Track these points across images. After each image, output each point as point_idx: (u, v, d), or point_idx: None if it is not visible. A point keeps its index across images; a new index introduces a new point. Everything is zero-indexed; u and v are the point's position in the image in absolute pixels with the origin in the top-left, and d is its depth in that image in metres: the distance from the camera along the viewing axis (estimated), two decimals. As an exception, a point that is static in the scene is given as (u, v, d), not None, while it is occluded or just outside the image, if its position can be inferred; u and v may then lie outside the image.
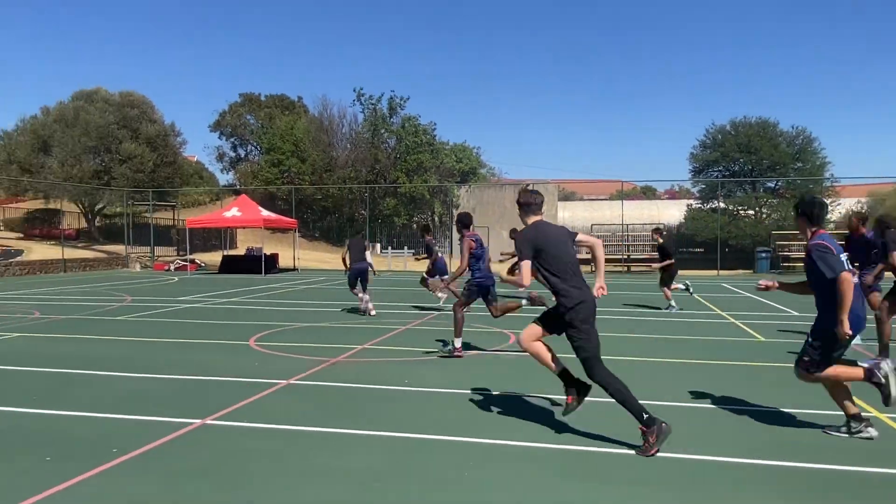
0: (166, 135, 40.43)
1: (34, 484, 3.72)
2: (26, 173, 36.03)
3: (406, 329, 10.03)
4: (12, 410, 5.33)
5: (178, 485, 3.77)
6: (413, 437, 4.65)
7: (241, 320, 11.04)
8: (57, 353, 7.90)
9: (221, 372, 6.77)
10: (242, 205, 26.16)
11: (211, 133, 58.92)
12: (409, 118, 45.31)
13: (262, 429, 4.84)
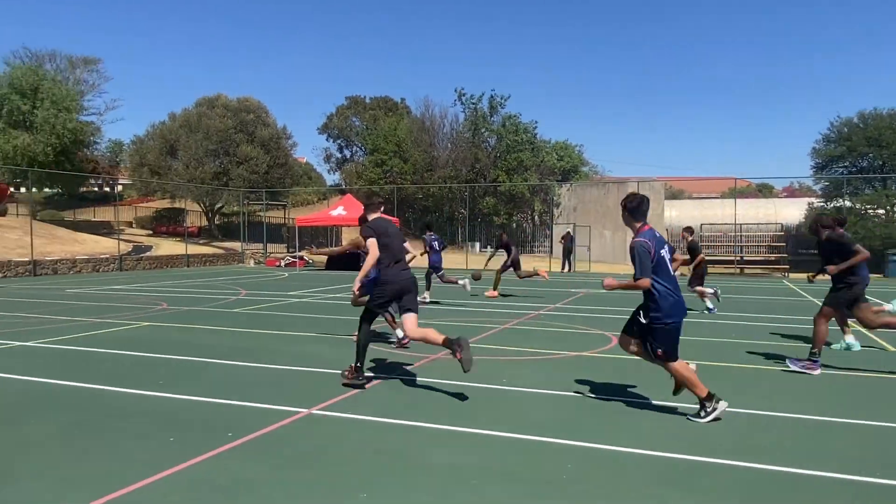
0: (279, 138, 42.63)
1: (160, 461, 4.04)
2: (155, 175, 39.17)
3: (504, 328, 10.01)
4: (141, 393, 5.80)
5: (286, 470, 3.95)
6: (511, 436, 4.63)
7: (345, 315, 11.43)
8: (180, 342, 8.52)
9: (326, 364, 7.04)
10: (347, 204, 27.11)
11: (319, 135, 61.47)
12: (510, 117, 45.16)
13: (364, 420, 4.99)
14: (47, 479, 3.80)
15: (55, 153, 33.09)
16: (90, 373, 6.61)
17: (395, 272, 5.89)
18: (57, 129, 32.79)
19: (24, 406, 5.38)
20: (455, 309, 12.46)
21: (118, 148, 48.58)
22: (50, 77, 36.80)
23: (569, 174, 47.62)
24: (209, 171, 39.16)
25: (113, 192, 51.22)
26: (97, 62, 45.28)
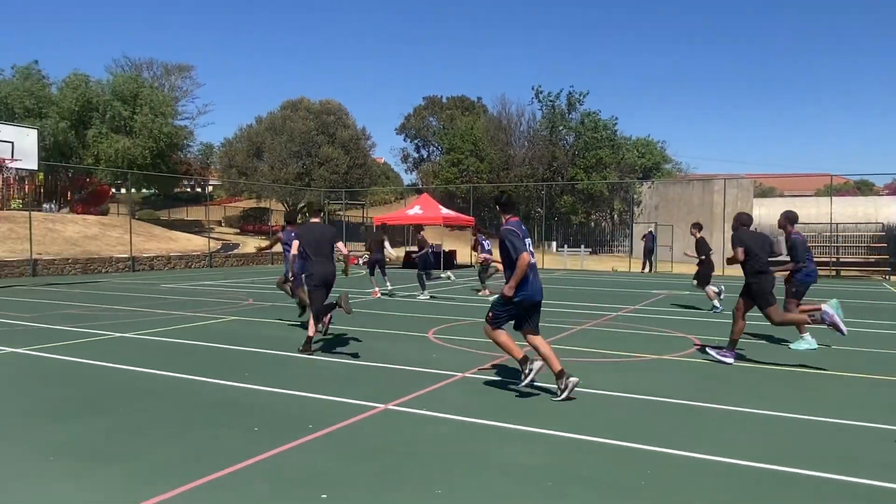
0: (358, 139, 43.59)
1: (245, 450, 4.22)
2: (243, 176, 40.91)
3: (580, 330, 9.85)
4: (228, 384, 6.08)
5: (363, 463, 4.04)
6: (588, 439, 4.55)
7: (420, 313, 11.57)
8: (264, 336, 8.87)
9: (402, 361, 7.15)
10: (424, 203, 27.41)
11: (396, 135, 62.41)
12: (589, 114, 44.36)
13: (439, 418, 5.04)
14: (143, 461, 4.05)
15: (152, 156, 35.14)
16: (182, 363, 6.99)
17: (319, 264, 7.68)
18: (154, 134, 34.80)
19: (123, 393, 5.75)
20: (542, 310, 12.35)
21: (209, 150, 51.12)
22: (148, 84, 39.12)
23: (650, 171, 46.29)
24: (292, 171, 40.55)
25: (204, 192, 53.96)
26: (190, 69, 47.83)
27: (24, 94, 32.33)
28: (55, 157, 32.37)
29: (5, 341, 8.24)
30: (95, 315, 10.85)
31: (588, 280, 20.90)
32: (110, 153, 33.48)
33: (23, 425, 4.78)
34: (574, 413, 5.23)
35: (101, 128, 34.15)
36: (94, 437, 4.51)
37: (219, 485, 3.68)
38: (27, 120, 29.92)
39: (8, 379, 6.30)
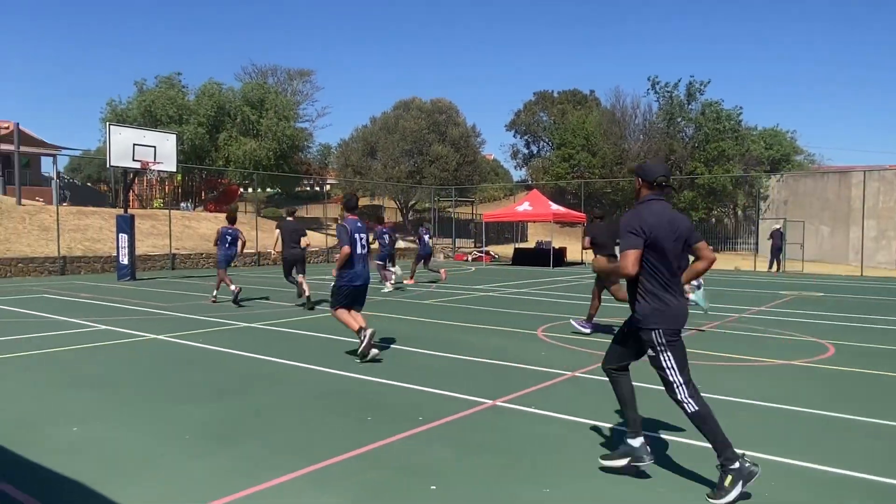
0: (468, 136, 43.94)
1: (358, 438, 4.38)
2: (358, 175, 42.46)
3: (700, 331, 9.37)
4: (342, 374, 6.34)
5: (471, 457, 4.07)
6: (705, 445, 4.31)
7: (529, 310, 11.48)
8: (376, 329, 9.15)
9: (511, 358, 7.13)
10: (534, 199, 27.15)
11: (506, 132, 62.18)
12: (710, 104, 42.10)
13: (548, 416, 4.98)
14: (264, 444, 4.30)
15: (275, 157, 37.26)
16: (300, 353, 7.37)
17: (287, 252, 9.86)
18: (277, 136, 36.89)
19: (249, 379, 6.14)
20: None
21: (327, 151, 53.48)
22: (273, 90, 41.51)
23: (779, 164, 43.28)
24: (404, 169, 41.57)
25: (322, 191, 56.49)
26: (310, 74, 50.21)
27: (166, 102, 35.31)
28: (191, 159, 35.10)
29: (148, 328, 9.06)
30: (225, 306, 11.66)
31: (708, 279, 19.85)
32: (239, 155, 35.84)
33: (163, 406, 5.23)
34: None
35: (232, 131, 36.64)
36: (224, 419, 4.85)
37: (333, 470, 3.84)
38: (169, 126, 32.68)
39: (149, 363, 6.91)
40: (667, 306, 3.64)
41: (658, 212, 3.67)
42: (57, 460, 3.94)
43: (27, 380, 6.06)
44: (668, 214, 3.70)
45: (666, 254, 3.62)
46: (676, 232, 3.68)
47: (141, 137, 18.15)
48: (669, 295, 3.65)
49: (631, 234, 3.58)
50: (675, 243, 3.66)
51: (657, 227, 3.59)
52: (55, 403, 5.26)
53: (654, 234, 3.58)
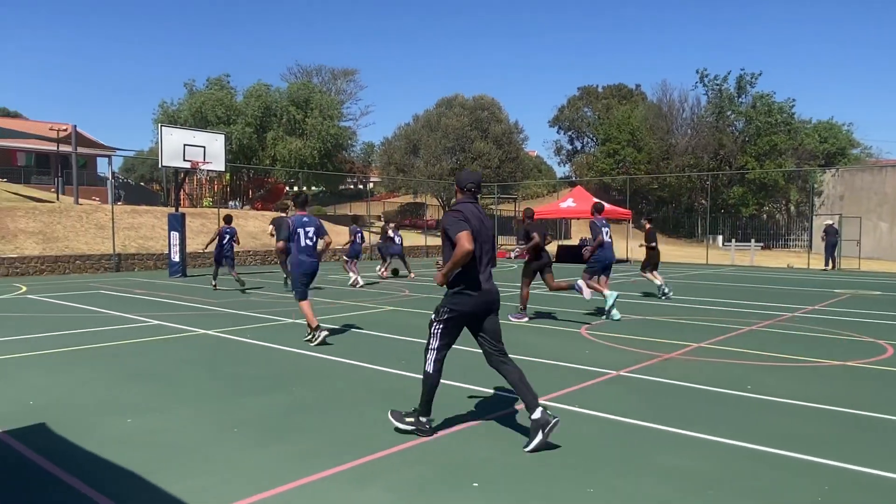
0: (510, 133, 43.74)
1: (402, 435, 4.41)
2: (400, 173, 42.72)
3: (750, 330, 9.12)
4: (387, 370, 6.39)
5: (516, 456, 4.05)
6: (755, 448, 4.20)
7: (573, 308, 11.36)
8: (419, 326, 9.20)
9: (553, 356, 7.07)
10: (577, 196, 26.86)
11: (550, 128, 61.69)
12: (762, 96, 40.91)
13: (592, 416, 4.92)
14: (310, 438, 4.37)
15: (320, 156, 37.83)
16: (346, 349, 7.46)
17: None
18: (322, 135, 37.45)
19: (296, 373, 6.25)
20: (700, 308, 11.68)
21: (370, 149, 54.01)
22: (318, 89, 42.13)
23: (834, 158, 41.73)
24: (446, 167, 41.66)
25: (365, 189, 57.10)
26: (354, 73, 50.80)
27: (215, 103, 36.20)
28: (239, 159, 35.91)
29: (198, 324, 9.31)
30: (273, 302, 11.91)
31: (759, 277, 19.30)
32: (285, 154, 36.51)
33: (212, 399, 5.37)
34: (743, 419, 4.86)
35: (278, 131, 37.33)
36: (271, 413, 4.95)
37: (377, 465, 3.88)
38: (218, 127, 33.51)
39: (200, 357, 7.11)
40: (478, 292, 4.26)
41: (471, 210, 4.34)
42: (112, 450, 4.09)
43: (84, 373, 6.30)
44: (479, 214, 4.40)
45: (478, 245, 4.23)
46: (486, 228, 4.38)
47: (191, 138, 18.66)
48: (478, 282, 4.25)
49: (459, 221, 4.21)
50: (485, 239, 4.33)
51: (476, 224, 4.28)
52: (110, 395, 5.45)
53: (475, 228, 4.24)
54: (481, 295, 4.24)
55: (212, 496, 3.42)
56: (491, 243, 4.38)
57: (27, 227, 21.03)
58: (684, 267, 24.00)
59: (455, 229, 4.16)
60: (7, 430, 4.48)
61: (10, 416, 4.80)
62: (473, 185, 4.51)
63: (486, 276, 4.31)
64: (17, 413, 4.88)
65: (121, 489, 3.52)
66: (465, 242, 4.08)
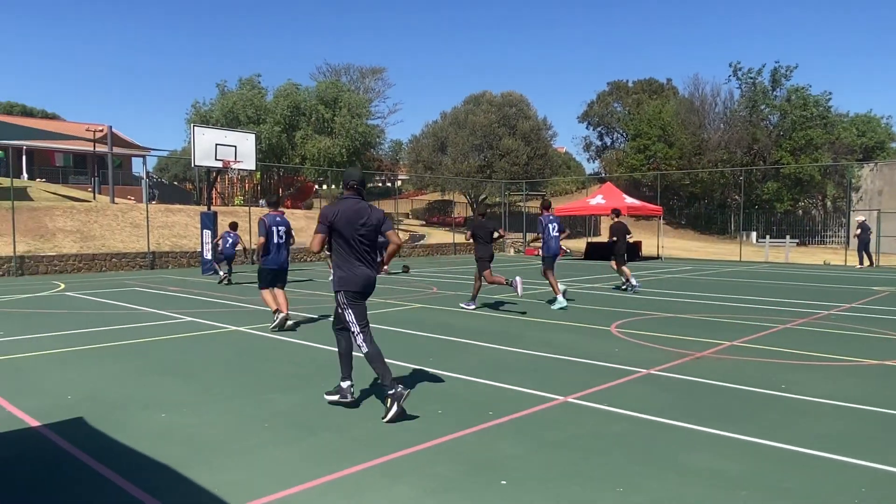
0: (539, 129, 43.46)
1: (429, 431, 4.43)
2: (428, 170, 42.78)
3: (784, 328, 8.93)
4: (415, 367, 6.41)
5: (543, 454, 4.04)
6: (788, 448, 4.12)
7: (602, 306, 11.27)
8: (447, 323, 9.22)
9: (582, 354, 7.02)
10: (607, 192, 26.59)
11: (579, 124, 61.23)
12: (797, 89, 39.99)
13: (622, 414, 4.87)
14: (338, 434, 4.41)
15: (349, 154, 38.09)
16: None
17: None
18: (350, 133, 37.70)
19: (324, 370, 6.30)
20: (733, 305, 11.49)
21: (398, 147, 54.18)
22: (346, 88, 42.42)
23: (872, 152, 40.63)
24: (474, 164, 41.58)
25: (393, 186, 57.30)
26: (382, 71, 51.03)
27: (246, 103, 36.69)
28: (269, 158, 36.35)
29: (230, 320, 9.46)
30: (302, 300, 12.03)
31: (794, 274, 18.90)
32: (314, 152, 36.84)
33: (243, 394, 5.45)
34: (777, 419, 4.76)
35: (307, 130, 37.69)
36: (301, 409, 5.01)
37: (405, 462, 3.90)
38: (248, 126, 33.96)
39: (231, 353, 7.22)
40: (349, 274, 4.88)
41: (347, 205, 4.91)
42: (146, 444, 4.18)
43: (119, 368, 6.45)
44: (356, 207, 4.93)
45: (347, 237, 4.86)
46: (363, 221, 4.90)
47: (222, 138, 18.95)
48: (352, 265, 4.89)
49: (319, 224, 4.91)
50: (360, 229, 4.89)
51: (341, 216, 4.84)
52: (145, 390, 5.57)
53: (338, 222, 4.84)
54: (359, 280, 4.91)
55: (242, 490, 3.48)
56: (373, 234, 4.98)
57: (65, 226, 21.59)
58: (716, 264, 23.61)
59: (315, 230, 4.97)
60: (46, 424, 4.61)
61: (49, 410, 4.95)
62: (355, 182, 5.05)
63: (360, 262, 4.93)
64: (56, 407, 5.02)
65: (155, 482, 3.60)
66: (313, 245, 4.96)
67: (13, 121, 37.86)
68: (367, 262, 4.98)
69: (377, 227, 5.01)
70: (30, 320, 9.47)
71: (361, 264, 4.93)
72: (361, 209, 4.94)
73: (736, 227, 37.38)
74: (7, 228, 18.86)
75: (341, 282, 4.91)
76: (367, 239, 4.95)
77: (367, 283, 4.95)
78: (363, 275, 4.92)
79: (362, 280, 4.91)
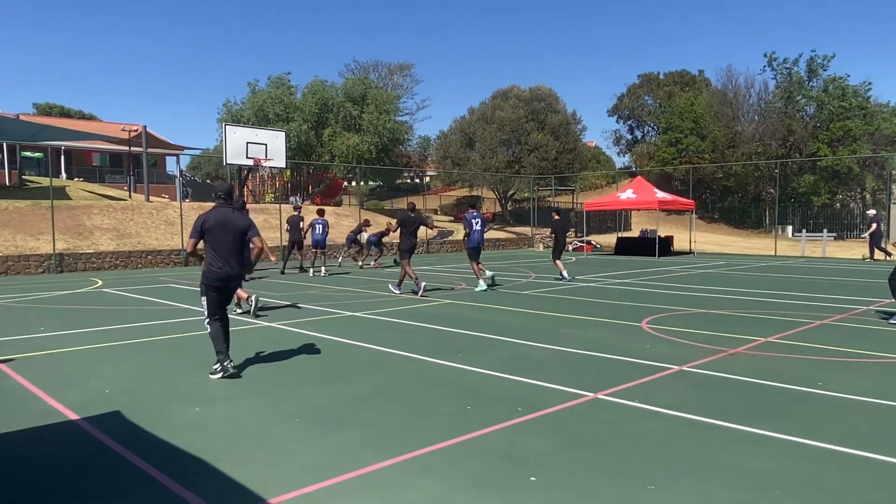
0: (568, 123, 43.07)
1: (459, 427, 4.43)
2: (456, 166, 42.74)
3: (822, 324, 8.72)
4: (442, 363, 6.42)
5: (574, 451, 4.01)
6: (827, 447, 4.02)
7: (633, 301, 11.13)
8: (475, 319, 9.21)
9: (613, 350, 6.95)
10: (637, 187, 26.23)
11: (608, 117, 60.54)
12: (835, 79, 38.95)
13: (653, 411, 4.81)
14: (369, 428, 4.44)
15: (377, 151, 38.22)
16: (402, 341, 7.54)
17: None
18: (379, 130, 37.82)
19: (353, 365, 6.36)
20: (768, 301, 11.26)
21: (426, 143, 54.22)
22: (374, 85, 42.58)
23: (914, 142, 39.31)
24: (502, 159, 41.41)
25: (422, 182, 57.48)
26: (410, 67, 51.06)
27: (275, 101, 37.08)
28: (299, 155, 36.69)
29: (261, 316, 9.58)
30: (331, 296, 12.14)
31: (832, 269, 18.43)
32: (342, 150, 37.05)
33: (275, 389, 5.52)
34: (813, 417, 4.65)
35: (336, 127, 37.93)
36: (332, 403, 5.05)
37: (435, 457, 3.91)
38: (277, 124, 34.32)
39: (263, 349, 7.31)
40: (210, 270, 5.90)
41: (216, 214, 5.96)
42: (181, 437, 4.26)
43: (154, 363, 6.59)
44: (224, 215, 5.98)
45: (216, 240, 5.89)
46: (228, 228, 5.94)
47: (253, 136, 19.20)
48: (216, 264, 5.89)
49: (193, 229, 5.96)
50: (226, 234, 5.91)
51: (211, 223, 5.91)
52: (180, 385, 5.68)
53: (208, 227, 5.89)
54: (217, 276, 5.91)
55: (274, 484, 3.52)
56: (236, 238, 5.96)
57: (102, 224, 22.11)
58: (751, 259, 23.16)
59: (191, 233, 5.99)
60: (85, 417, 4.73)
61: (88, 404, 5.07)
62: (223, 194, 6.09)
63: (225, 261, 5.91)
64: (95, 401, 5.15)
65: (189, 474, 3.67)
66: (188, 245, 5.98)
67: (52, 121, 38.88)
68: (230, 263, 5.94)
69: (243, 233, 6.01)
70: (69, 316, 9.72)
71: (224, 265, 5.90)
72: (228, 217, 5.97)
73: (771, 220, 36.64)
74: (47, 227, 19.39)
75: (205, 275, 5.95)
76: (232, 243, 5.94)
77: (225, 280, 5.96)
78: (223, 273, 5.90)
79: (221, 277, 5.92)
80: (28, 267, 18.10)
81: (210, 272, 5.90)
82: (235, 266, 5.97)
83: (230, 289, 6.10)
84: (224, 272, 5.91)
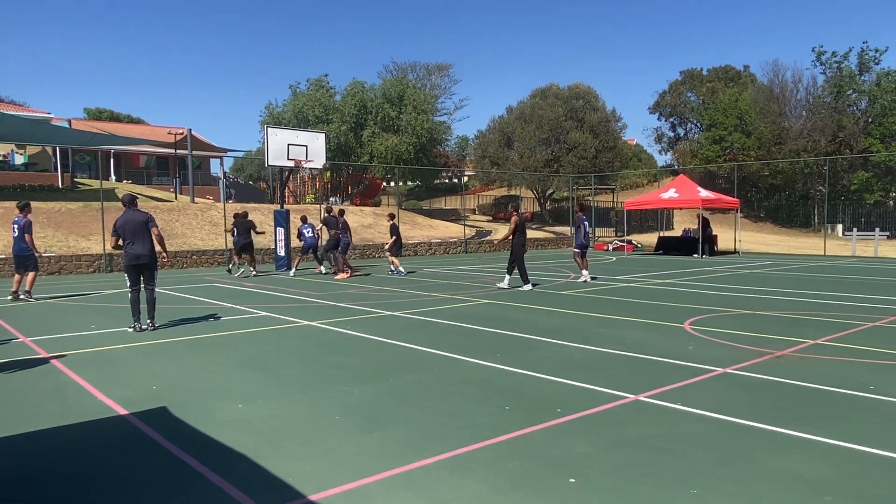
0: (607, 121, 42.56)
1: (497, 427, 4.42)
2: (495, 166, 42.63)
3: (874, 326, 8.42)
4: (481, 363, 6.41)
5: (614, 453, 3.96)
6: (881, 453, 3.88)
7: (676, 302, 10.93)
8: (513, 319, 9.17)
9: (654, 351, 6.84)
10: (680, 185, 25.74)
11: (650, 115, 59.51)
12: (888, 73, 37.55)
13: (696, 414, 4.72)
14: (408, 427, 4.47)
15: (415, 151, 38.41)
16: (440, 341, 7.56)
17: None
18: (417, 130, 37.99)
19: (392, 364, 6.40)
20: (817, 302, 10.94)
21: (464, 143, 54.25)
22: (412, 85, 42.78)
23: (975, 137, 37.65)
24: (541, 159, 41.16)
25: (460, 182, 57.43)
26: (448, 68, 51.12)
27: (315, 103, 37.60)
28: (338, 156, 37.12)
29: (302, 315, 9.74)
30: (370, 295, 12.25)
31: (884, 269, 17.77)
32: (381, 150, 37.35)
33: (316, 387, 5.60)
34: (864, 422, 4.50)
35: (374, 128, 38.25)
36: (372, 402, 5.10)
37: (473, 457, 3.91)
38: (317, 126, 34.79)
39: (304, 347, 7.43)
40: (127, 254, 8.30)
41: (125, 216, 8.38)
42: (225, 434, 4.36)
43: (200, 360, 6.75)
44: (129, 215, 8.39)
45: (127, 233, 8.28)
46: (133, 223, 8.32)
47: (294, 137, 19.48)
48: (129, 248, 8.29)
49: (113, 230, 8.37)
50: (134, 228, 8.30)
51: (122, 222, 8.33)
52: (223, 382, 5.81)
53: (120, 225, 8.33)
54: (130, 257, 8.31)
55: (315, 480, 3.57)
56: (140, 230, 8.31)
57: (150, 224, 22.74)
58: (798, 258, 22.50)
59: (112, 233, 8.39)
60: (134, 413, 4.88)
61: (136, 400, 5.23)
62: (128, 203, 8.51)
63: (134, 246, 8.30)
64: (142, 397, 5.30)
65: (232, 470, 3.75)
66: (111, 243, 8.41)
67: (102, 126, 40.19)
68: (137, 246, 8.28)
69: (145, 224, 8.36)
70: (118, 314, 10.04)
71: (133, 247, 8.26)
72: (134, 217, 8.35)
73: (819, 219, 35.54)
74: (98, 227, 20.05)
75: (124, 257, 8.36)
76: (137, 233, 8.29)
77: (135, 258, 8.31)
78: (133, 253, 8.27)
79: (132, 256, 8.28)
80: (80, 266, 18.75)
81: (127, 255, 8.30)
82: (139, 249, 8.29)
83: (141, 266, 8.35)
84: (134, 253, 8.27)
